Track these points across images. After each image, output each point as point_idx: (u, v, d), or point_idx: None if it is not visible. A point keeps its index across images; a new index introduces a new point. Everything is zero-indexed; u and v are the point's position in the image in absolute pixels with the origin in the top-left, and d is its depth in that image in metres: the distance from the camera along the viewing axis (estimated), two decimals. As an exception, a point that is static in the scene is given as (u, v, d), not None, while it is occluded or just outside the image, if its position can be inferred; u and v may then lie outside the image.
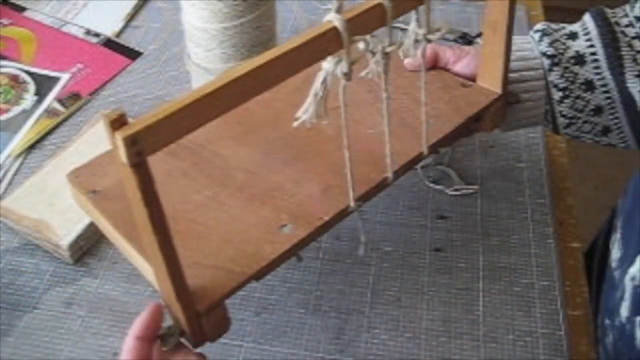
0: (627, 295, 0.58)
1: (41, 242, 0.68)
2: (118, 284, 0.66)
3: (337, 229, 0.70)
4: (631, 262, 0.58)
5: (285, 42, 0.42)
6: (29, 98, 0.86)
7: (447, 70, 0.67)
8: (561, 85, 0.63)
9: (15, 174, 0.77)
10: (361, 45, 0.46)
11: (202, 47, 0.79)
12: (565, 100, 0.64)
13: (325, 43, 0.43)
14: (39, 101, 0.86)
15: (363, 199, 0.53)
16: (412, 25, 0.50)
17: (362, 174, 0.53)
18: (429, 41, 0.50)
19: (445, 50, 0.67)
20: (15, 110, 0.84)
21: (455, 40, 0.94)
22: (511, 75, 0.64)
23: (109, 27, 0.97)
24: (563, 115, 0.65)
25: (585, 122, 0.65)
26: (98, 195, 0.54)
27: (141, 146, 0.36)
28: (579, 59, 0.63)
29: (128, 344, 0.46)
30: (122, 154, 0.36)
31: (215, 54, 0.78)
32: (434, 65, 0.67)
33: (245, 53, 0.79)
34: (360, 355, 0.61)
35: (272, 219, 0.51)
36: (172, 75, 0.90)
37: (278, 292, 0.66)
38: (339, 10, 0.43)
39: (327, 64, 0.45)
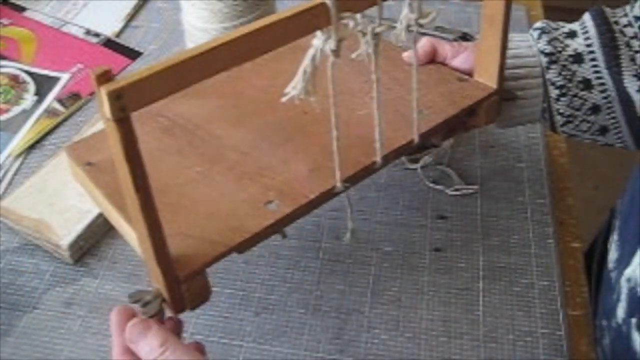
0: (623, 296, 0.58)
1: (41, 242, 0.68)
2: (118, 284, 0.66)
3: (337, 229, 0.70)
4: (627, 264, 0.58)
5: (275, 14, 0.43)
6: (29, 98, 0.86)
7: (445, 64, 0.68)
8: (558, 83, 0.63)
9: (15, 174, 0.77)
10: (351, 24, 0.46)
11: (202, 47, 0.79)
12: (563, 99, 0.64)
13: (314, 18, 0.43)
14: (39, 101, 0.86)
15: (350, 180, 0.53)
16: (404, 10, 0.50)
17: (351, 157, 0.54)
18: (420, 25, 0.50)
19: (443, 45, 0.67)
20: (15, 110, 0.84)
21: (455, 40, 0.94)
22: (508, 72, 0.64)
23: (109, 27, 0.97)
24: (560, 114, 0.65)
25: (582, 120, 0.65)
26: (93, 167, 0.55)
27: (125, 101, 0.37)
28: (577, 58, 0.63)
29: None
30: (106, 109, 0.37)
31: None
32: (432, 59, 0.67)
33: (245, 53, 0.79)
34: (360, 355, 0.61)
35: (259, 195, 0.52)
36: (172, 75, 0.90)
37: (278, 292, 0.66)
38: None
39: (316, 40, 0.45)
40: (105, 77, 0.36)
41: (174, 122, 0.60)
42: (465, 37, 0.94)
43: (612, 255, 0.62)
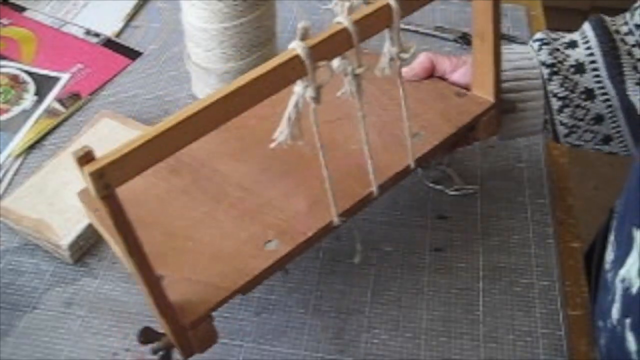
0: (618, 297, 0.58)
1: (41, 242, 0.68)
2: (118, 284, 0.66)
3: (338, 230, 0.70)
4: (622, 264, 0.58)
5: (251, 71, 0.43)
6: (29, 98, 0.86)
7: (444, 79, 0.67)
8: (560, 94, 0.63)
9: (15, 174, 0.77)
10: (334, 66, 0.47)
11: (202, 47, 0.79)
12: (565, 110, 0.64)
13: (289, 70, 0.44)
14: (39, 101, 0.86)
15: (347, 214, 0.54)
16: (386, 44, 0.51)
17: (348, 188, 0.55)
18: (402, 60, 0.51)
19: (442, 60, 0.67)
20: (15, 110, 0.84)
21: (455, 40, 0.95)
22: (510, 84, 0.64)
23: (109, 27, 0.97)
24: (563, 124, 0.65)
25: (585, 130, 0.65)
26: (100, 213, 0.56)
27: (108, 179, 0.38)
28: (579, 68, 0.63)
29: None
30: (91, 188, 0.38)
31: (215, 54, 0.78)
32: (431, 74, 0.67)
33: (245, 53, 0.79)
34: (360, 355, 0.61)
35: (260, 234, 0.53)
36: (172, 75, 0.90)
37: (278, 292, 0.66)
38: (303, 37, 0.44)
39: (297, 88, 0.46)
40: (86, 159, 0.38)
41: (179, 161, 0.61)
42: (465, 37, 0.94)
43: (609, 255, 0.62)
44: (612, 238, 0.62)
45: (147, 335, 0.50)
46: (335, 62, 0.47)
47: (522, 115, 0.65)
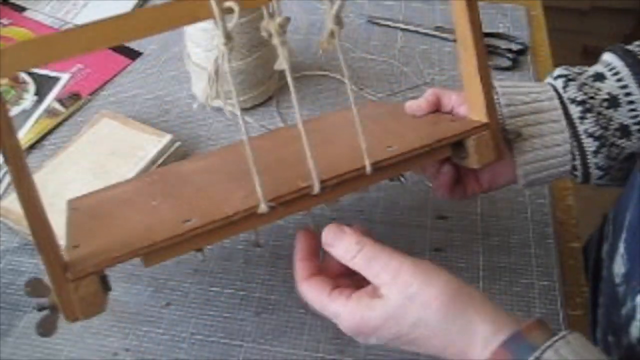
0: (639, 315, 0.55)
1: (41, 242, 0.68)
2: (118, 284, 0.66)
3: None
4: None
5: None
6: (29, 98, 0.86)
7: (450, 114, 0.62)
8: (597, 134, 0.57)
9: (15, 174, 0.77)
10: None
11: (202, 47, 0.79)
12: (602, 150, 0.58)
13: (198, 8, 0.46)
14: (39, 101, 0.86)
15: (284, 205, 0.50)
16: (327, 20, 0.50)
17: (288, 181, 0.51)
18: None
19: (449, 94, 0.61)
20: (15, 110, 0.84)
21: (455, 41, 0.94)
22: (529, 129, 0.59)
23: (109, 27, 0.97)
24: (599, 167, 0.59)
25: (618, 169, 0.59)
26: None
27: None
28: (613, 102, 0.58)
29: (303, 286, 0.52)
30: None
31: (215, 54, 0.78)
32: (438, 109, 0.62)
33: (245, 53, 0.79)
34: (360, 355, 0.61)
35: (184, 215, 0.50)
36: (172, 75, 0.90)
37: (278, 292, 0.66)
38: None
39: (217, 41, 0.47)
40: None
41: (163, 177, 0.63)
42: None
43: (619, 269, 0.60)
44: (621, 250, 0.59)
45: (35, 287, 0.47)
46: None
47: (546, 164, 0.60)
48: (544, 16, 1.02)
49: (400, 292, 0.47)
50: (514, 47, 0.94)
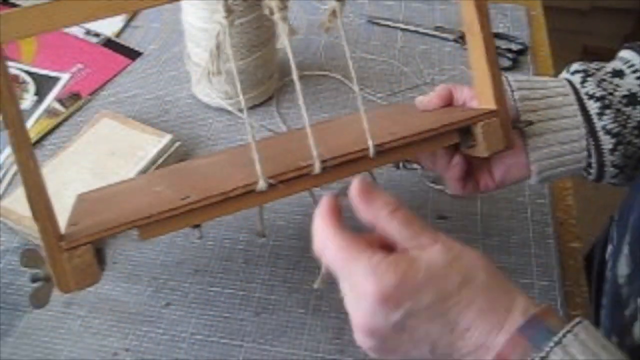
0: None
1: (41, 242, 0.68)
2: (118, 284, 0.66)
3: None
4: None
5: None
6: (29, 98, 0.86)
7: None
8: (614, 130, 0.56)
9: (15, 174, 0.77)
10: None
11: (202, 47, 0.79)
12: (619, 148, 0.57)
13: None
14: (39, 101, 0.86)
15: (280, 181, 0.49)
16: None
17: (289, 160, 0.51)
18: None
19: (461, 88, 0.61)
20: (15, 110, 0.84)
21: (455, 40, 0.95)
22: (544, 124, 0.58)
23: (109, 27, 0.97)
24: (614, 166, 0.57)
25: (633, 169, 0.58)
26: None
27: None
28: (632, 99, 0.56)
29: (330, 239, 0.46)
30: None
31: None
32: (450, 103, 0.61)
33: (246, 53, 0.79)
34: (360, 355, 0.61)
35: (182, 194, 0.50)
36: (172, 75, 0.90)
37: (278, 292, 0.66)
38: None
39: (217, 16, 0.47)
40: None
41: (171, 171, 0.64)
42: (465, 37, 0.93)
43: (622, 270, 0.59)
44: (625, 251, 0.59)
45: (30, 257, 0.47)
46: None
47: (561, 160, 0.58)
48: (544, 16, 1.02)
49: (444, 253, 0.43)
50: (514, 47, 0.94)
